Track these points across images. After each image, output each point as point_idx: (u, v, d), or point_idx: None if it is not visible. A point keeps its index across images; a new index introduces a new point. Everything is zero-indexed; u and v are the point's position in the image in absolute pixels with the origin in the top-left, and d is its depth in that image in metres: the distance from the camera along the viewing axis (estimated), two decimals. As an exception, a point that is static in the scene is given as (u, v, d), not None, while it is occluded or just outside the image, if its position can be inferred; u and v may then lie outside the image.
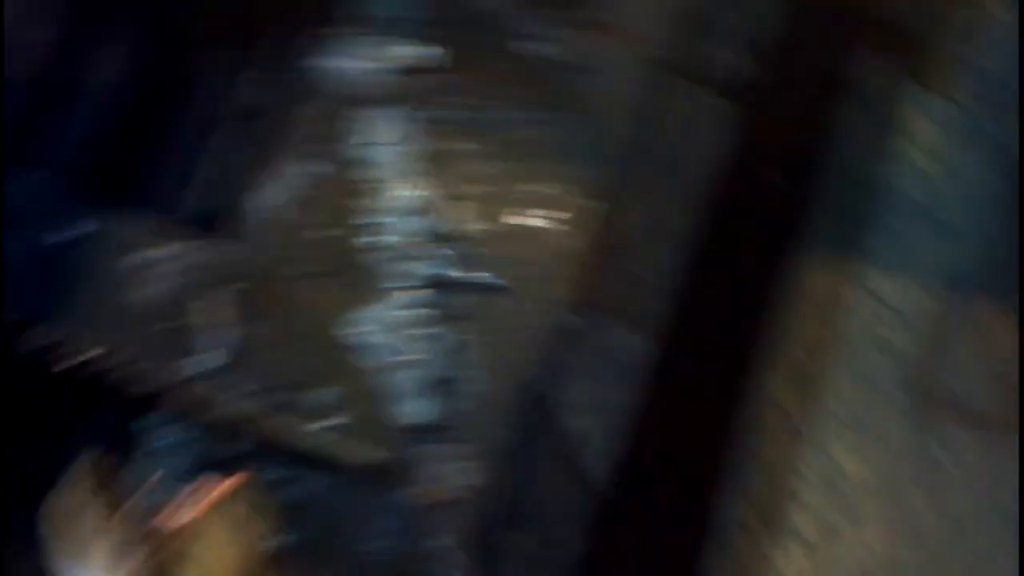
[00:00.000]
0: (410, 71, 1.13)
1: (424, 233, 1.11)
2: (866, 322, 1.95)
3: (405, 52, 1.12)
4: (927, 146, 2.01)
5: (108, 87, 1.17)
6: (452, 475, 1.10)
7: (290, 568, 1.07)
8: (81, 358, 1.01)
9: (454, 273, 1.11)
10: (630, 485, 1.91)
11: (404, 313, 1.10)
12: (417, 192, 1.11)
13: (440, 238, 1.12)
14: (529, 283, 1.13)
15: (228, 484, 1.10)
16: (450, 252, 1.12)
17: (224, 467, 1.12)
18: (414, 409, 1.08)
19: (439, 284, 1.12)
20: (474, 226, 1.13)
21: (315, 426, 1.04)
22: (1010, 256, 1.96)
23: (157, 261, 1.05)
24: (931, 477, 1.89)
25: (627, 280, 1.92)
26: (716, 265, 1.97)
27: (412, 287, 1.11)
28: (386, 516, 1.11)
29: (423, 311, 1.10)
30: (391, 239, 1.11)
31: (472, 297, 1.12)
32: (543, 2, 1.20)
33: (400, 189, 1.11)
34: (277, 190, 1.12)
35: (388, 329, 1.08)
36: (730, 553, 1.87)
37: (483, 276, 1.12)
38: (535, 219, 1.14)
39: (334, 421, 1.07)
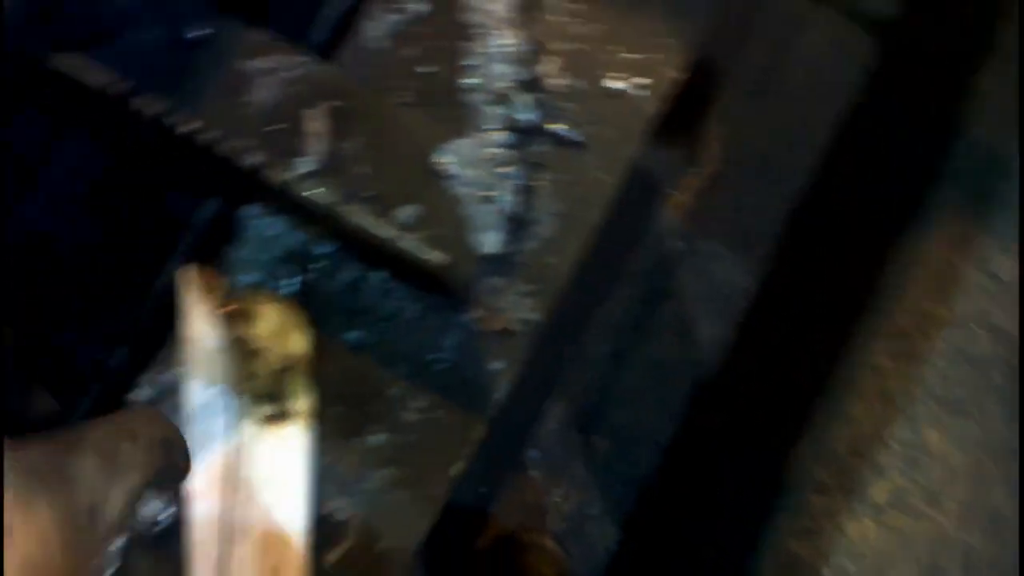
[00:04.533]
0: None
1: (512, 81, 1.18)
2: (978, 300, 1.90)
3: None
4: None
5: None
6: (513, 308, 1.16)
7: (345, 359, 1.15)
8: (191, 130, 1.10)
9: (536, 122, 1.17)
10: (714, 415, 1.91)
11: (487, 151, 1.16)
12: (509, 42, 1.18)
13: (527, 87, 1.18)
14: (604, 142, 1.18)
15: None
16: (534, 102, 1.18)
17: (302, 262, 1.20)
18: (485, 240, 1.14)
19: (521, 130, 1.18)
20: (559, 80, 1.19)
21: (396, 235, 1.10)
22: None
23: (264, 71, 1.13)
24: (1016, 469, 1.84)
25: (734, 205, 1.92)
26: (830, 207, 1.94)
27: (496, 129, 1.17)
28: (448, 333, 1.19)
29: (504, 152, 1.17)
30: (481, 81, 1.18)
31: (550, 147, 1.18)
32: None
33: (494, 37, 1.18)
34: (377, 26, 1.21)
35: (470, 164, 1.15)
36: (801, 511, 1.86)
37: (563, 129, 1.18)
38: (619, 81, 1.19)
39: (415, 234, 1.13)
